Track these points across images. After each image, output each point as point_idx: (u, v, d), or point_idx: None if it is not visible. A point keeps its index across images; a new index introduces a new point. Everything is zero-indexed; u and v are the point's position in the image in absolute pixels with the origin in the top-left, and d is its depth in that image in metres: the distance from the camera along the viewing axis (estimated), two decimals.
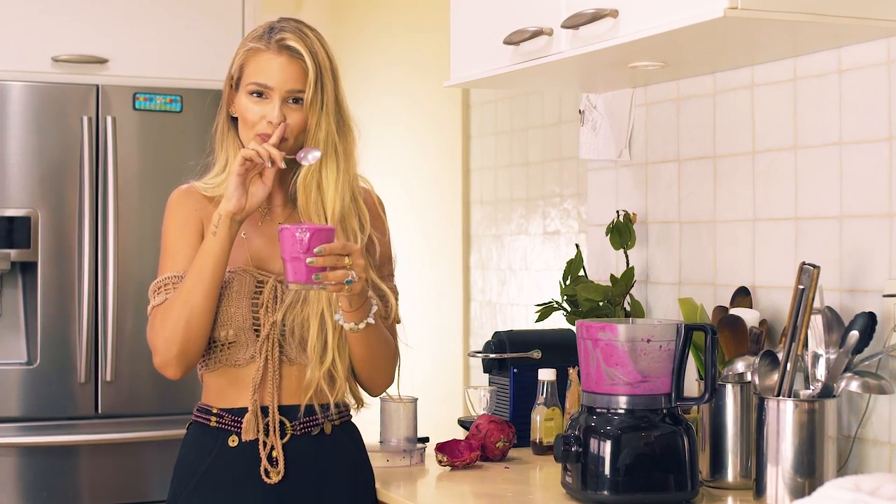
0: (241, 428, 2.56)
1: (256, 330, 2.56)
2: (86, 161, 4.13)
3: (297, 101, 2.55)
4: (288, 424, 2.57)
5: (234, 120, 2.64)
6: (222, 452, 2.58)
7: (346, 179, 2.59)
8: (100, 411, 4.17)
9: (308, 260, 2.36)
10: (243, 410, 2.57)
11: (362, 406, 2.71)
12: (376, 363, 2.62)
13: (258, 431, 2.55)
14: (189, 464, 2.62)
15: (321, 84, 2.54)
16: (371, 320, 2.52)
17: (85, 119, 4.14)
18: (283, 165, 2.48)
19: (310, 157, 2.52)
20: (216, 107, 2.69)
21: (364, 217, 2.63)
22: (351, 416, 2.69)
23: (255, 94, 2.55)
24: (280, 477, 2.55)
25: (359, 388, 2.67)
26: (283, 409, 2.57)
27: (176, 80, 4.26)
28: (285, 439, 2.57)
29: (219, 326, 2.55)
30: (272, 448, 2.56)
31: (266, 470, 2.55)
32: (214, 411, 2.60)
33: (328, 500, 2.60)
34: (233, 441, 2.57)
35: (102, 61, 4.24)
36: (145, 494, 4.24)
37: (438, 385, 4.50)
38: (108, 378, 4.14)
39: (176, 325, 2.50)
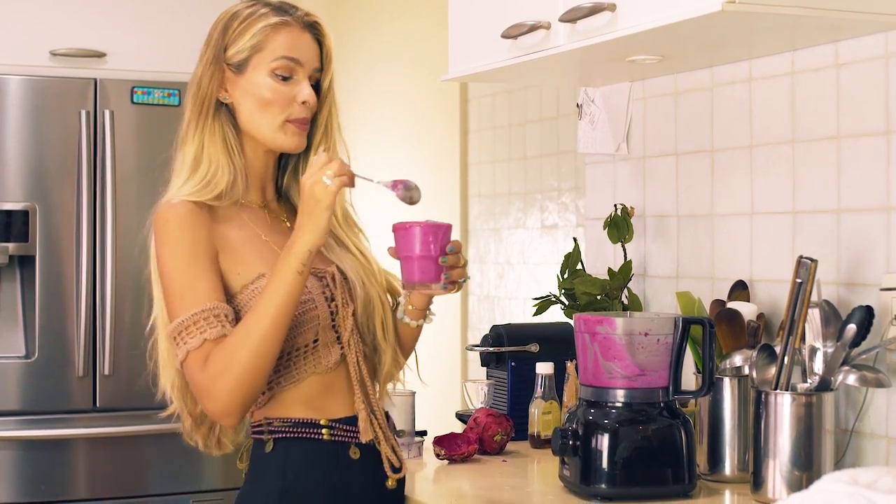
0: (355, 438, 2.37)
1: (334, 327, 2.37)
2: (84, 155, 4.13)
3: (313, 84, 2.40)
4: (384, 429, 2.42)
5: (224, 106, 2.42)
6: (349, 465, 2.36)
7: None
8: (98, 405, 4.17)
9: (441, 259, 2.27)
10: (351, 419, 2.37)
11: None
12: (408, 359, 2.57)
13: (374, 432, 2.37)
14: (314, 483, 2.35)
15: (330, 63, 2.43)
16: (434, 313, 2.48)
17: (83, 113, 4.15)
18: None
19: (414, 197, 2.32)
20: None
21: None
22: None
23: (279, 75, 2.35)
24: (397, 479, 2.40)
25: None
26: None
27: (174, 74, 4.26)
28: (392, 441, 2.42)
29: (296, 334, 2.31)
30: (390, 448, 2.40)
31: (394, 469, 2.39)
32: (324, 423, 2.35)
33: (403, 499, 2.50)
34: (354, 453, 2.37)
35: (100, 55, 4.24)
36: (143, 488, 4.25)
37: (436, 379, 4.50)
38: (106, 372, 4.15)
39: (246, 371, 2.21)
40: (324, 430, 2.36)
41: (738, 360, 2.61)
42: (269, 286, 2.24)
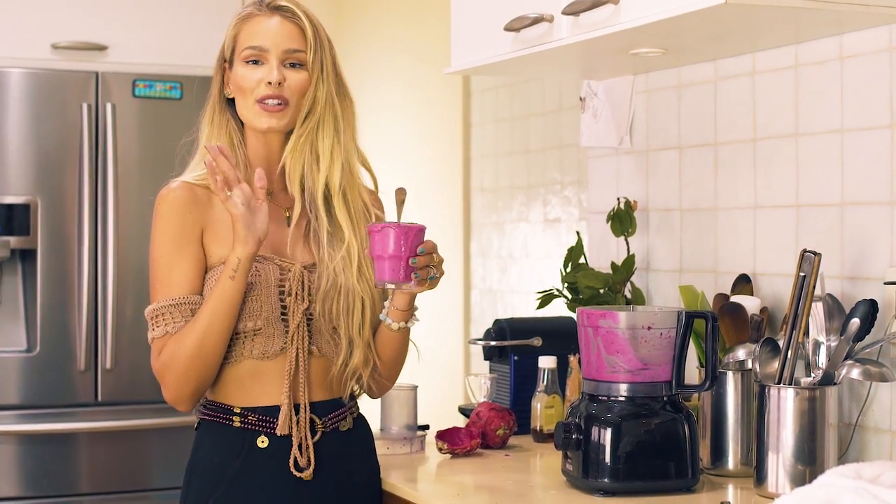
0: (268, 428, 2.44)
1: (284, 320, 2.45)
2: (85, 148, 4.13)
3: (294, 64, 2.47)
4: (318, 421, 2.48)
5: (230, 102, 2.54)
6: (252, 454, 2.45)
7: (342, 148, 2.52)
8: (99, 399, 4.17)
9: (412, 260, 2.33)
10: (270, 409, 2.45)
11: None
12: (402, 363, 2.61)
13: (290, 428, 2.44)
14: (213, 468, 2.47)
15: (319, 43, 2.48)
16: (418, 318, 2.52)
17: (84, 106, 4.14)
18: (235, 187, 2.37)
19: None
20: None
21: (365, 197, 2.58)
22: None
23: (250, 62, 2.47)
24: (311, 474, 2.45)
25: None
26: (312, 406, 2.48)
27: (176, 67, 4.26)
28: (317, 437, 2.47)
29: (245, 318, 2.43)
30: (300, 445, 2.45)
31: (298, 467, 2.44)
32: (237, 411, 2.46)
33: (352, 494, 2.54)
34: (262, 442, 2.45)
35: (102, 48, 4.24)
36: (145, 482, 4.25)
37: (439, 373, 4.49)
38: (108, 366, 4.15)
39: (189, 366, 2.39)
40: (235, 417, 2.46)
41: (741, 354, 2.60)
42: (212, 289, 2.40)
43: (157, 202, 2.47)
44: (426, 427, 3.02)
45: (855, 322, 2.36)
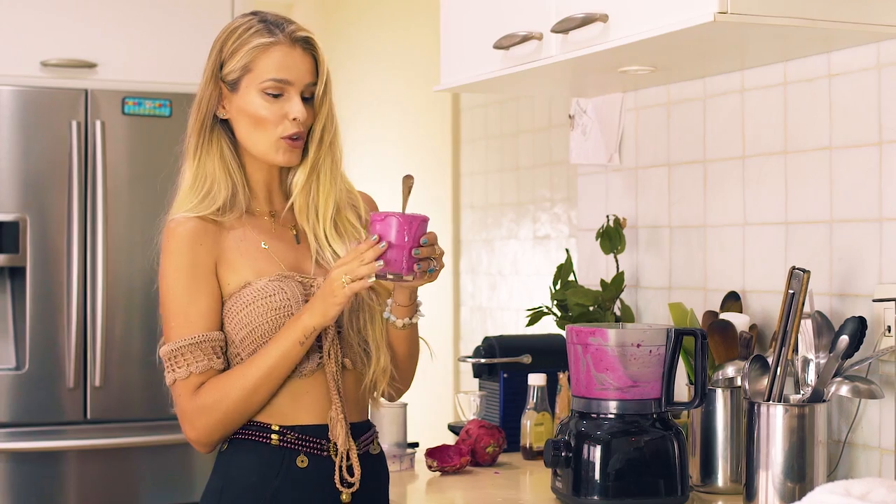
0: (307, 447, 2.38)
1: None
2: (75, 166, 4.12)
3: (307, 97, 2.42)
4: (352, 443, 2.41)
5: (223, 122, 2.46)
6: (291, 473, 2.37)
7: (336, 181, 2.49)
8: (89, 417, 4.16)
9: (414, 251, 2.27)
10: (309, 428, 2.38)
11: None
12: (415, 360, 2.55)
13: (348, 444, 2.38)
14: (250, 487, 2.38)
15: (328, 78, 2.44)
16: (422, 313, 2.46)
17: (74, 123, 4.14)
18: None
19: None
20: None
21: (360, 215, 2.56)
22: None
23: (269, 93, 2.38)
24: (349, 495, 2.38)
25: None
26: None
27: (165, 85, 4.26)
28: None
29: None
30: (342, 465, 2.38)
31: (345, 483, 2.38)
32: (276, 429, 2.38)
33: None
34: (302, 462, 2.37)
35: (91, 66, 4.23)
36: (134, 500, 4.24)
37: (428, 390, 4.49)
38: (97, 383, 4.14)
39: (231, 415, 2.34)
40: (273, 436, 2.38)
41: (730, 371, 2.60)
42: (272, 342, 2.34)
43: (166, 238, 2.39)
44: (416, 444, 3.02)
45: (844, 339, 2.36)
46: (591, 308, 3.07)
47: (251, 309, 2.36)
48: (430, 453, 2.87)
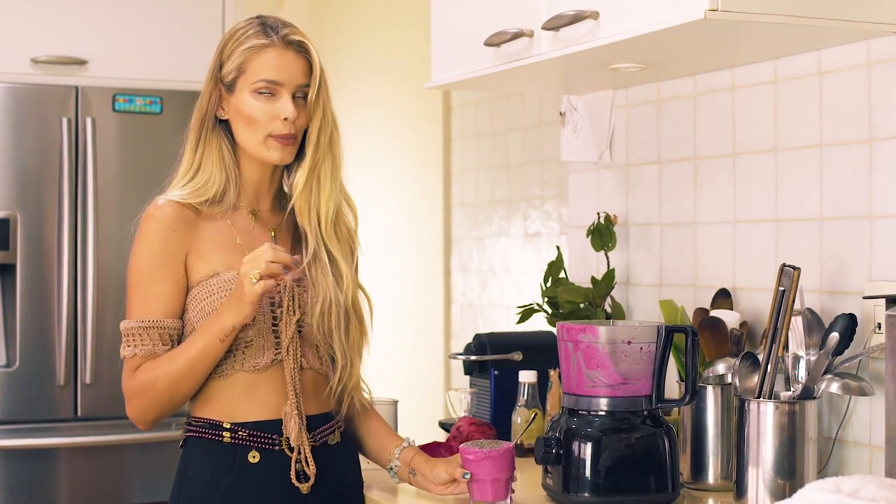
0: (259, 443, 2.44)
1: (275, 332, 2.46)
2: (65, 162, 4.12)
3: (300, 97, 2.48)
4: (307, 435, 2.47)
5: (222, 123, 2.53)
6: (243, 469, 2.44)
7: (337, 183, 2.55)
8: (79, 414, 4.16)
9: (512, 482, 2.47)
10: (260, 424, 2.45)
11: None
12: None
13: (302, 439, 2.45)
14: (204, 484, 2.46)
15: (323, 80, 2.50)
16: (413, 442, 2.66)
17: (64, 120, 4.13)
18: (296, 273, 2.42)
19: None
20: None
21: (353, 225, 2.61)
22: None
23: (262, 93, 2.45)
24: (308, 487, 2.45)
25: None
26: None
27: (156, 82, 4.26)
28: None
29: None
30: (298, 459, 2.45)
31: (300, 478, 2.45)
32: (227, 426, 2.45)
33: None
34: (253, 457, 2.44)
35: (82, 62, 4.23)
36: (125, 497, 4.23)
37: (419, 387, 4.49)
38: (88, 381, 4.13)
39: (159, 400, 2.43)
40: (225, 433, 2.45)
41: (721, 368, 2.61)
42: (196, 334, 2.42)
43: (143, 219, 2.46)
44: None
45: (834, 336, 2.37)
46: (581, 305, 3.07)
47: (214, 299, 2.44)
48: (421, 450, 2.87)
